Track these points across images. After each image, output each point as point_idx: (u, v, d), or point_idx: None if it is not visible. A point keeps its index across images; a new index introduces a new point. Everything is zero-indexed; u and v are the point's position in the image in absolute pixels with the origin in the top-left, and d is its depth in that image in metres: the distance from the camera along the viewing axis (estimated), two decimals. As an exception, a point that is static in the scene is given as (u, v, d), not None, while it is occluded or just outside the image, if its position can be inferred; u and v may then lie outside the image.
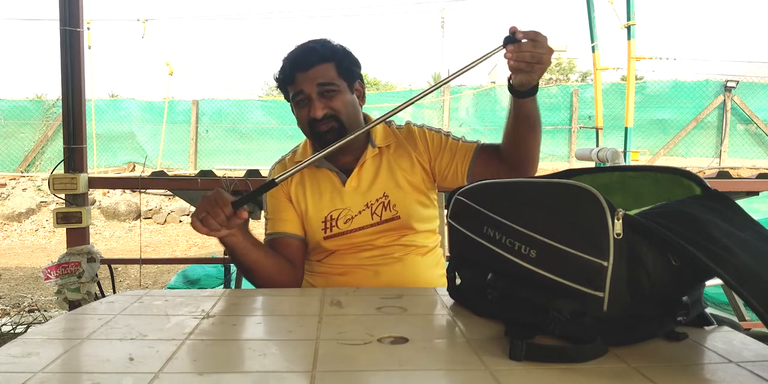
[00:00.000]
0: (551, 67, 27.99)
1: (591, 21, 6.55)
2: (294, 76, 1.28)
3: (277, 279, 1.25)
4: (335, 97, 1.27)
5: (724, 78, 11.09)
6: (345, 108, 1.29)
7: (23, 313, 3.77)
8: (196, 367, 0.68)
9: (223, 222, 1.06)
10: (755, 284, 0.63)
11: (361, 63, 1.36)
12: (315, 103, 1.26)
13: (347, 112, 1.29)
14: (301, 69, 1.27)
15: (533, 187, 0.82)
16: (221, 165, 10.82)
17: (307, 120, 1.29)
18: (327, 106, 1.27)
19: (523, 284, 0.78)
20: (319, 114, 1.26)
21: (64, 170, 2.46)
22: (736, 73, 12.28)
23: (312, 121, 1.27)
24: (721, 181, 2.60)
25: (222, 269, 2.86)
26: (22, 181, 9.60)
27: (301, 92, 1.27)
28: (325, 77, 1.27)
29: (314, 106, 1.26)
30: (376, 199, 1.31)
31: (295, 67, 1.28)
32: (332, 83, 1.27)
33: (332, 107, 1.27)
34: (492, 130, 11.62)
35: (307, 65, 1.27)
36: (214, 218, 1.06)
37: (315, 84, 1.26)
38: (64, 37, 2.42)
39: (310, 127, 1.29)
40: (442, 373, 0.69)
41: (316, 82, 1.26)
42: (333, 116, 1.27)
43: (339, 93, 1.28)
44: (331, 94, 1.27)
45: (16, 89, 79.30)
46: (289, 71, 1.29)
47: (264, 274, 1.24)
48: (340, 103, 1.28)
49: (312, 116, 1.27)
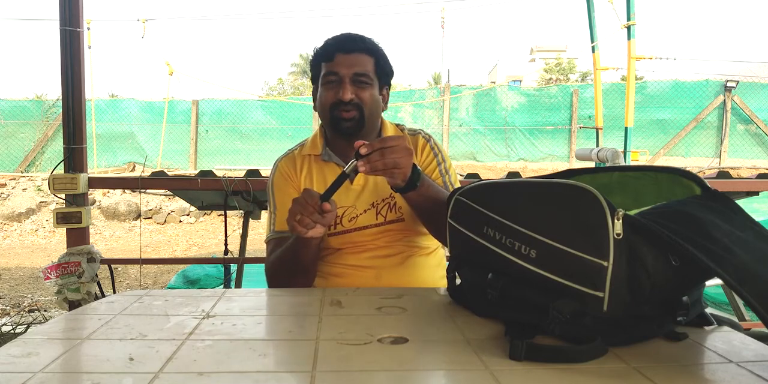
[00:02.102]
0: (551, 67, 27.69)
1: (591, 21, 6.54)
2: (334, 55, 1.28)
3: (309, 279, 1.28)
4: (366, 89, 1.28)
5: (724, 78, 11.10)
6: (371, 102, 1.29)
7: (23, 313, 3.77)
8: (196, 367, 0.68)
9: (318, 219, 1.07)
10: (755, 284, 0.63)
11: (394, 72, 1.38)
12: (346, 86, 1.26)
13: (371, 107, 1.30)
14: (344, 50, 1.28)
15: (533, 187, 0.82)
16: (221, 165, 10.83)
17: (331, 101, 1.28)
18: (356, 93, 1.27)
19: (523, 284, 0.78)
20: (347, 96, 1.26)
21: (64, 170, 2.46)
22: (736, 73, 12.28)
23: (336, 104, 1.27)
24: (721, 181, 2.60)
25: (222, 269, 2.86)
26: (22, 181, 9.60)
27: (336, 73, 1.27)
28: (363, 67, 1.28)
29: (345, 89, 1.26)
30: (382, 199, 1.31)
31: (339, 48, 1.28)
32: (367, 75, 1.28)
33: (360, 97, 1.27)
34: (492, 130, 11.64)
35: (350, 49, 1.28)
36: (308, 216, 1.06)
37: (352, 70, 1.27)
38: (64, 37, 2.42)
39: (332, 109, 1.29)
40: (442, 373, 0.69)
41: (354, 68, 1.27)
42: (358, 106, 1.27)
43: (370, 87, 1.29)
44: (363, 86, 1.28)
45: (16, 89, 79.40)
46: (332, 50, 1.29)
47: (310, 275, 1.26)
48: (369, 96, 1.29)
49: (340, 97, 1.26)
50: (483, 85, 15.49)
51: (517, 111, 11.65)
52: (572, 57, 28.44)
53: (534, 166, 11.26)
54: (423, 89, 13.33)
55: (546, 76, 26.42)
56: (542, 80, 25.78)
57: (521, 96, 11.75)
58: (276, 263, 1.27)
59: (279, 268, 1.27)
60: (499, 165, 11.34)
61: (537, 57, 38.49)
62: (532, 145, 11.56)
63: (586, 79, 23.40)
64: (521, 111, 11.64)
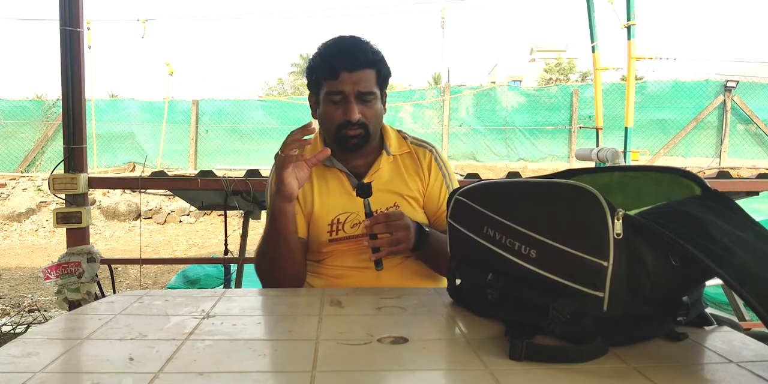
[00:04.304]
0: (551, 67, 27.70)
1: (591, 21, 6.54)
2: (338, 74, 1.26)
3: (299, 272, 1.29)
4: (371, 106, 1.29)
5: (724, 78, 11.10)
6: (375, 118, 1.30)
7: (23, 313, 3.77)
8: (196, 367, 0.68)
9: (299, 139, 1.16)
10: (755, 284, 0.63)
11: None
12: (353, 107, 1.26)
13: (375, 122, 1.31)
14: (348, 69, 1.25)
15: (533, 187, 0.82)
16: (221, 165, 10.82)
17: (338, 122, 1.28)
18: (362, 112, 1.27)
19: (523, 284, 0.78)
20: (354, 117, 1.26)
21: (64, 170, 2.46)
22: (736, 73, 12.28)
23: (343, 124, 1.27)
24: (721, 181, 2.60)
25: (222, 269, 2.86)
26: (22, 181, 9.60)
27: (341, 93, 1.26)
28: (367, 84, 1.27)
29: (352, 110, 1.25)
30: (386, 207, 1.32)
31: (343, 66, 1.25)
32: (372, 92, 1.28)
33: (366, 115, 1.28)
34: (492, 130, 11.63)
35: (355, 66, 1.25)
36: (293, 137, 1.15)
37: (357, 88, 1.26)
38: (64, 37, 2.42)
39: (338, 128, 1.28)
40: (442, 373, 0.69)
41: (359, 87, 1.25)
42: (363, 124, 1.28)
43: (374, 101, 1.29)
44: (368, 104, 1.28)
45: (16, 89, 79.44)
46: (336, 67, 1.26)
47: (293, 259, 1.26)
48: (373, 113, 1.29)
49: (347, 118, 1.26)
50: (483, 85, 15.49)
51: (517, 111, 11.64)
52: (572, 57, 28.44)
53: (534, 166, 11.26)
54: (423, 89, 13.33)
55: (546, 76, 26.43)
56: (542, 80, 25.79)
57: (521, 96, 11.75)
58: (260, 250, 1.27)
59: (264, 254, 1.26)
60: (499, 165, 11.34)
61: (537, 57, 38.49)
62: (532, 145, 11.56)
63: (586, 79, 23.40)
64: (521, 111, 11.63)
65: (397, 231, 1.17)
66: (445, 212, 1.34)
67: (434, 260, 1.28)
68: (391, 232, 1.17)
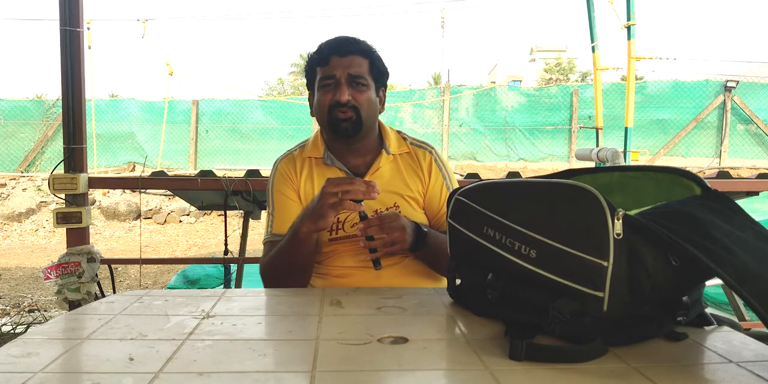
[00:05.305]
0: (551, 67, 27.75)
1: (591, 21, 6.54)
2: (329, 59, 1.29)
3: (308, 280, 1.31)
4: (363, 91, 1.30)
5: (724, 78, 11.10)
6: (367, 104, 1.31)
7: (23, 313, 3.77)
8: (196, 367, 0.68)
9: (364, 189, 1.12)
10: (755, 284, 0.63)
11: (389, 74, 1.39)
12: (343, 88, 1.28)
13: (368, 109, 1.31)
14: (339, 53, 1.29)
15: (533, 187, 0.82)
16: (221, 165, 10.82)
17: (329, 103, 1.29)
18: (353, 95, 1.29)
19: (523, 284, 0.78)
20: (344, 98, 1.27)
21: (64, 170, 2.46)
22: (736, 73, 12.28)
23: (333, 106, 1.28)
24: (721, 181, 2.60)
25: (222, 269, 2.86)
26: (22, 181, 9.61)
27: (332, 77, 1.28)
28: (358, 69, 1.29)
29: (341, 90, 1.27)
30: (386, 207, 1.32)
31: (334, 51, 1.29)
32: (363, 77, 1.30)
33: (356, 99, 1.29)
34: (492, 130, 11.63)
35: (345, 51, 1.29)
36: (356, 186, 1.11)
37: (347, 72, 1.28)
38: (64, 37, 2.42)
39: (329, 111, 1.29)
40: (442, 373, 0.69)
41: (349, 70, 1.28)
42: (354, 107, 1.29)
43: (366, 88, 1.31)
44: (359, 87, 1.29)
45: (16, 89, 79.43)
46: (327, 53, 1.30)
47: (307, 274, 1.29)
48: (365, 99, 1.30)
49: (337, 99, 1.27)
50: (483, 85, 15.49)
51: (517, 111, 11.65)
52: (572, 57, 28.45)
53: (534, 166, 11.26)
54: (423, 89, 13.33)
55: (546, 76, 26.44)
56: (542, 80, 25.80)
57: (521, 96, 11.75)
58: (272, 263, 1.27)
59: (276, 268, 1.27)
60: (499, 165, 11.34)
61: (537, 57, 38.51)
62: (532, 145, 11.56)
63: (586, 79, 23.40)
64: (521, 111, 11.64)
65: (392, 232, 1.18)
66: (445, 213, 1.35)
67: (434, 260, 1.28)
68: (387, 233, 1.17)
